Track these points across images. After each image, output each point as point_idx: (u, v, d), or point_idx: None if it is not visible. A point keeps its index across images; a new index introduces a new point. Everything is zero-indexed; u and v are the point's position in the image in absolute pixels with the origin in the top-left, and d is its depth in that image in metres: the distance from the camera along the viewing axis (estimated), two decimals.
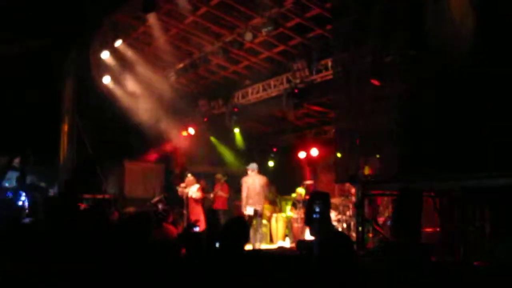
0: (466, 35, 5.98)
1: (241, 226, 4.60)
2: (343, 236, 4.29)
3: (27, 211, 9.97)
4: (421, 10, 6.83)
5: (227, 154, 16.57)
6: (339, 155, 9.02)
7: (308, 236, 9.34)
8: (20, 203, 10.20)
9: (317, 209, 5.98)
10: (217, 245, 4.43)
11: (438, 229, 6.67)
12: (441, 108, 6.72)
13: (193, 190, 11.95)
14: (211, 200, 12.94)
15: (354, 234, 9.03)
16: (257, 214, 10.80)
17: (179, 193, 12.16)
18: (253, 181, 10.94)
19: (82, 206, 10.67)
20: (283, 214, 13.28)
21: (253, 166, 11.09)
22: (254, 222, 10.77)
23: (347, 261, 3.47)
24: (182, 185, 12.20)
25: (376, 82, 8.32)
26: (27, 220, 7.93)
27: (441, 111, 6.73)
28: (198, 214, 11.62)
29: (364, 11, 8.13)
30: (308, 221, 7.09)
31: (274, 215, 13.21)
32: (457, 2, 6.20)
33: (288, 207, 13.37)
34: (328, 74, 11.41)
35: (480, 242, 5.76)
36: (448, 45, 6.33)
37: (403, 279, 4.57)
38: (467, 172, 6.14)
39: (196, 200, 11.90)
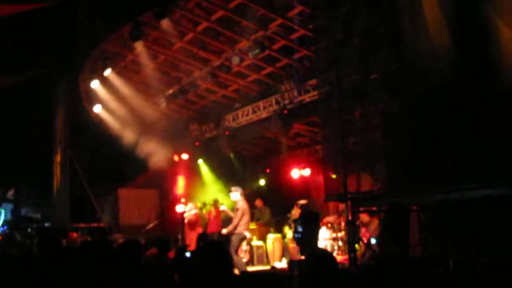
0: (443, 51, 6.11)
1: (217, 251, 4.62)
2: (325, 255, 4.34)
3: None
4: (399, 28, 6.97)
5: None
6: (332, 174, 9.08)
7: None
8: None
9: (299, 229, 6.04)
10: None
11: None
12: (426, 123, 6.81)
13: (190, 213, 12.03)
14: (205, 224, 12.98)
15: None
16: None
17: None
18: (245, 204, 10.95)
19: (75, 235, 10.68)
20: (279, 235, 13.28)
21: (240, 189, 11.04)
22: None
23: (329, 279, 3.52)
24: (186, 209, 12.30)
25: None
26: None
27: (426, 125, 6.83)
28: (192, 239, 11.65)
29: (346, 30, 8.27)
30: (296, 240, 7.17)
31: (270, 236, 13.21)
32: (433, 19, 6.33)
33: (286, 228, 13.39)
34: (316, 94, 11.54)
35: (466, 254, 5.80)
36: (426, 61, 6.45)
37: None
38: (452, 185, 6.21)
39: (190, 224, 11.94)
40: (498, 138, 5.69)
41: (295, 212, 12.77)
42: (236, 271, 8.09)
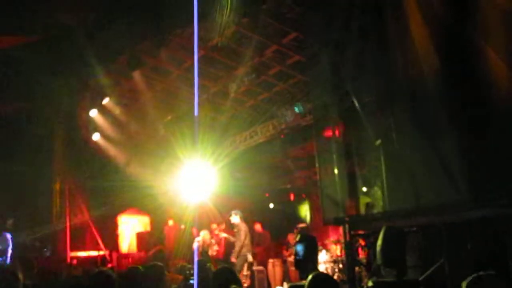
0: (431, 74, 6.25)
1: (230, 275, 4.74)
2: (328, 278, 4.41)
3: None
4: (388, 53, 7.12)
5: None
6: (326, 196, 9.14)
7: None
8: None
9: (301, 251, 6.10)
10: None
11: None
12: (418, 146, 6.92)
13: (213, 249, 12.10)
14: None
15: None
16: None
17: (194, 248, 12.25)
18: (246, 227, 11.07)
19: (75, 263, 10.69)
20: (279, 259, 13.28)
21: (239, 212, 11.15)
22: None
23: None
24: (198, 239, 12.28)
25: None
26: None
27: (417, 148, 6.93)
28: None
29: (338, 55, 8.43)
30: (296, 264, 7.20)
31: (271, 260, 13.20)
32: (421, 43, 6.48)
33: (285, 252, 13.40)
34: (312, 118, 11.65)
35: (463, 275, 5.83)
36: (415, 84, 6.59)
37: None
38: (447, 206, 6.29)
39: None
40: (490, 158, 5.80)
41: (292, 236, 12.83)
42: None
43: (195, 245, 12.35)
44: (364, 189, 8.51)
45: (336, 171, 8.54)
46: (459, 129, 6.02)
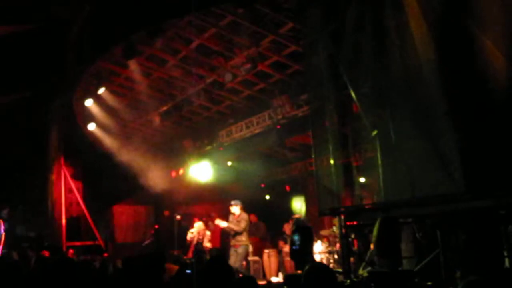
0: (430, 65, 6.23)
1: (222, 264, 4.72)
2: (326, 268, 4.41)
3: None
4: (386, 43, 7.10)
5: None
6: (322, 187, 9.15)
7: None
8: None
9: (297, 242, 6.11)
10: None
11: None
12: (416, 136, 6.91)
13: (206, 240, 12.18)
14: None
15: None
16: None
17: (189, 239, 12.26)
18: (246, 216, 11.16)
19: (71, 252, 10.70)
20: (275, 249, 13.32)
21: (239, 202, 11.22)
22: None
23: None
24: (192, 231, 12.30)
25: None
26: None
27: (416, 138, 6.92)
28: None
29: (335, 45, 8.40)
30: (291, 254, 7.22)
31: (266, 250, 13.24)
32: (419, 34, 6.46)
33: (281, 242, 13.42)
34: (308, 109, 11.62)
35: (458, 266, 5.87)
36: (412, 75, 6.58)
37: None
38: (445, 197, 6.30)
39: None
40: (487, 149, 5.80)
41: (288, 227, 12.85)
42: None
43: (189, 237, 12.38)
44: (362, 179, 8.52)
45: (332, 161, 8.53)
46: (456, 120, 6.02)
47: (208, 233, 12.60)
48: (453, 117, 6.04)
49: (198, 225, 12.49)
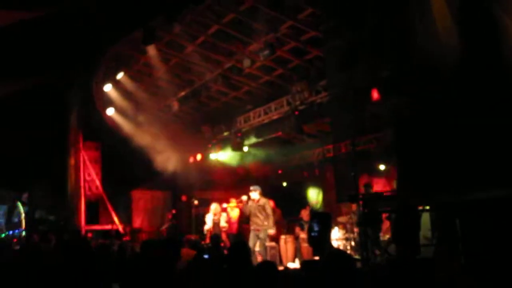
0: (452, 50, 6.12)
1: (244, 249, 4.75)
2: (344, 255, 4.39)
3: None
4: (408, 28, 6.98)
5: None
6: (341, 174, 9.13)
7: None
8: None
9: (315, 228, 6.09)
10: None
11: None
12: (436, 122, 6.82)
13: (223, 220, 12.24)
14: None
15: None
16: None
17: (207, 229, 12.35)
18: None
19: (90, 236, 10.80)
20: (291, 236, 13.31)
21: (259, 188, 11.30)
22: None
23: (348, 279, 3.58)
24: (208, 220, 12.39)
25: (375, 96, 8.42)
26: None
27: (436, 125, 6.83)
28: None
29: (356, 30, 8.30)
30: (309, 241, 7.21)
31: (283, 236, 13.24)
32: (442, 18, 6.34)
33: (297, 228, 13.41)
34: (327, 95, 11.55)
35: (477, 254, 5.81)
36: (436, 59, 6.46)
37: None
38: (464, 186, 6.22)
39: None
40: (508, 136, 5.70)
41: (305, 213, 12.84)
42: None
43: (207, 227, 12.43)
44: (382, 167, 8.46)
45: (351, 148, 8.47)
46: (480, 107, 5.90)
47: (224, 214, 12.64)
48: (477, 103, 5.92)
49: (215, 207, 12.53)
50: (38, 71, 11.53)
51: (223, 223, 12.43)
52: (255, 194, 11.14)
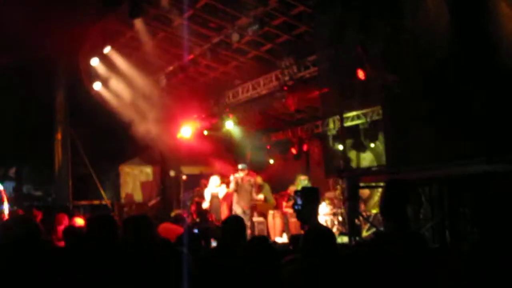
0: (442, 28, 6.11)
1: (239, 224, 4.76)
2: (324, 232, 4.42)
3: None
4: (398, 4, 6.95)
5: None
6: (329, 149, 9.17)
7: None
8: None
9: (298, 201, 6.14)
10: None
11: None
12: (426, 98, 6.84)
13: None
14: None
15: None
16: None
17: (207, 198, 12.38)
18: None
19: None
20: (279, 211, 13.39)
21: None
22: None
23: (326, 256, 3.62)
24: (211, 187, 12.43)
25: (362, 76, 8.41)
26: None
27: (426, 100, 6.85)
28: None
29: (346, 5, 8.24)
30: (296, 214, 7.27)
31: (271, 211, 13.32)
32: None
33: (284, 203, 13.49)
34: (316, 70, 11.50)
35: (465, 228, 5.90)
36: (425, 36, 6.45)
37: (397, 267, 4.68)
38: (454, 160, 6.26)
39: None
40: (497, 113, 5.73)
41: (293, 188, 12.90)
42: None
43: (206, 193, 12.46)
44: (372, 145, 8.50)
45: (340, 124, 8.49)
46: (469, 83, 5.92)
47: (223, 186, 12.63)
48: (465, 80, 5.94)
49: (215, 179, 12.56)
50: (24, 46, 11.36)
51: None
52: (242, 172, 11.34)
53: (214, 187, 12.46)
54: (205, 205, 12.38)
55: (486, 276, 3.14)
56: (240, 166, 11.58)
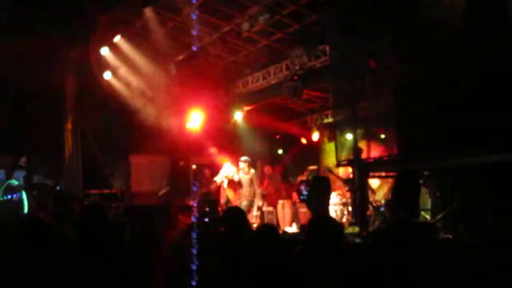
0: (456, 13, 6.02)
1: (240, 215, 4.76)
2: (326, 221, 4.39)
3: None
4: None
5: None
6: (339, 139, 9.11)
7: None
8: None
9: (304, 192, 6.12)
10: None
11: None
12: (438, 88, 6.77)
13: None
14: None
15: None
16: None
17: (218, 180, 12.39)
18: None
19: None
20: (289, 200, 13.41)
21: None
22: None
23: (328, 246, 3.61)
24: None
25: (373, 64, 8.35)
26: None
27: (438, 90, 6.78)
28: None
29: None
30: (307, 205, 7.25)
31: (280, 201, 13.33)
32: None
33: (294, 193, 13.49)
34: (327, 60, 11.45)
35: (478, 218, 5.85)
36: (440, 23, 6.36)
37: (408, 257, 4.66)
38: (466, 150, 6.20)
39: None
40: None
41: (303, 178, 12.90)
42: None
43: (218, 177, 12.47)
44: (383, 136, 8.45)
45: (351, 113, 8.43)
46: (483, 72, 5.84)
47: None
48: (478, 72, 5.85)
49: (228, 165, 12.56)
50: (35, 33, 11.37)
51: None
52: (243, 165, 11.35)
53: (228, 173, 12.44)
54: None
55: (501, 265, 3.12)
56: (242, 158, 11.60)
